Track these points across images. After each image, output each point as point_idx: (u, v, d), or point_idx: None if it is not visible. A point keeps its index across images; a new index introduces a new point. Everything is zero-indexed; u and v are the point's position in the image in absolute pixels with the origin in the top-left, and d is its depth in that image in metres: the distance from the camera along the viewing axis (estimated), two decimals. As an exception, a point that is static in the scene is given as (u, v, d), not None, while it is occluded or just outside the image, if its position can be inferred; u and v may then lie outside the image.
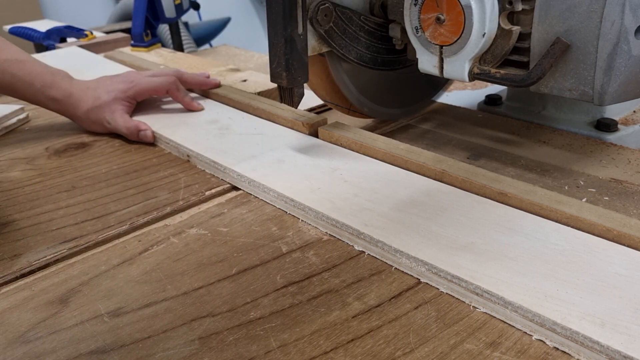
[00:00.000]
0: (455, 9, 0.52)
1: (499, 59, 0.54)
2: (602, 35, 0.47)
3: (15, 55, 0.73)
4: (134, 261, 0.48)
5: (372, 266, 0.45)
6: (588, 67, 0.49)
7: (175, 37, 1.44)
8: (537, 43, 0.51)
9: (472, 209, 0.49)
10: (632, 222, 0.44)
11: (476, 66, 0.55)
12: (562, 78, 0.51)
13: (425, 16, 0.56)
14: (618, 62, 0.47)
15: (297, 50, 0.55)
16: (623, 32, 0.46)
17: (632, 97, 0.51)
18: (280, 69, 0.55)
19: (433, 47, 0.56)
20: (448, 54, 0.56)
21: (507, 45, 0.53)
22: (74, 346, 0.39)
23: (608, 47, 0.47)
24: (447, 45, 0.55)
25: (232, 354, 0.37)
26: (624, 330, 0.35)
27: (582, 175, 0.57)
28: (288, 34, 0.54)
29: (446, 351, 0.36)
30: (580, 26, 0.48)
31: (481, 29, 0.52)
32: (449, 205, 0.50)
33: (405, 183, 0.54)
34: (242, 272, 0.45)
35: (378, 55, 0.65)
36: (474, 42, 0.53)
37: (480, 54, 0.54)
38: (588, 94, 0.49)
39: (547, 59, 0.50)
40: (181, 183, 0.60)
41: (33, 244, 0.51)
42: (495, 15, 0.52)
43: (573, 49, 0.49)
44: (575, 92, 0.50)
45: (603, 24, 0.47)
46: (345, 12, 0.60)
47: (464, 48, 0.54)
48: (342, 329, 0.39)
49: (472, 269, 0.41)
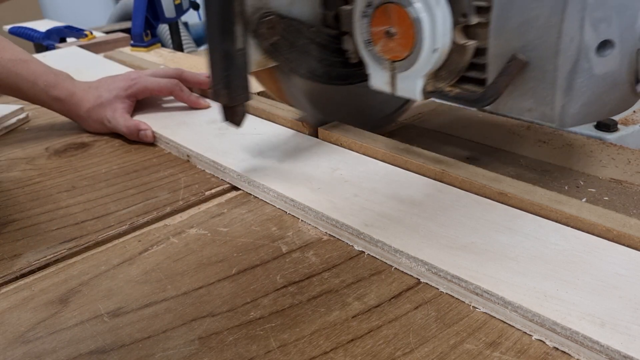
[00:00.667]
0: (405, 22, 0.48)
1: (455, 76, 0.50)
2: (561, 52, 0.43)
3: (18, 55, 0.73)
4: (134, 261, 0.48)
5: (372, 266, 0.45)
6: (547, 86, 0.45)
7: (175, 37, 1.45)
8: (494, 59, 0.47)
9: (472, 209, 0.49)
10: (632, 222, 0.44)
11: (430, 83, 0.51)
12: (520, 98, 0.47)
13: (376, 29, 0.51)
14: (579, 81, 0.43)
15: (237, 66, 0.50)
16: (583, 48, 0.42)
17: (597, 118, 0.47)
18: (219, 87, 0.51)
19: (384, 63, 0.52)
20: (400, 70, 0.51)
21: (463, 61, 0.49)
22: (73, 346, 0.39)
23: (567, 65, 0.43)
24: (398, 61, 0.51)
25: (232, 354, 0.37)
26: (624, 330, 0.35)
27: (582, 175, 0.57)
28: (226, 49, 0.49)
29: (446, 351, 0.36)
30: (538, 42, 0.44)
31: (433, 44, 0.48)
32: (449, 205, 0.50)
33: (406, 183, 0.54)
34: (242, 272, 0.45)
35: (332, 69, 0.60)
36: (425, 57, 0.49)
37: (434, 71, 0.50)
38: (548, 115, 0.45)
39: (503, 77, 0.46)
40: (181, 183, 0.60)
41: (33, 244, 0.51)
42: (447, 29, 0.48)
43: (531, 67, 0.45)
44: (535, 113, 0.46)
45: (561, 39, 0.43)
46: (293, 24, 0.55)
47: (415, 64, 0.50)
48: (342, 329, 0.39)
49: (472, 269, 0.41)
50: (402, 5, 0.48)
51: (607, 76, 0.44)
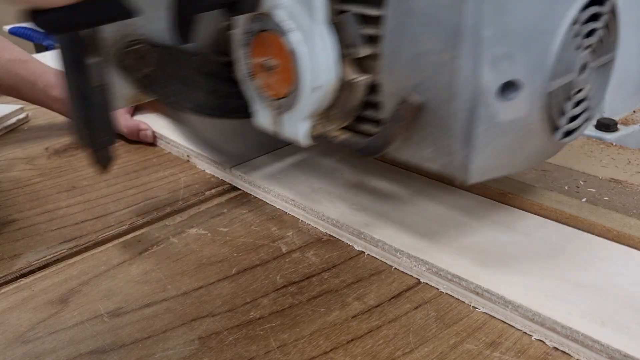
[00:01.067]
0: (283, 53, 0.41)
1: (349, 116, 0.43)
2: (456, 96, 0.35)
3: (18, 56, 0.73)
4: (134, 261, 0.48)
5: (372, 266, 0.45)
6: (445, 134, 0.37)
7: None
8: (388, 98, 0.39)
9: (473, 208, 0.49)
10: (632, 222, 0.44)
11: (320, 125, 0.44)
12: (418, 145, 0.39)
13: (256, 60, 0.44)
14: (479, 130, 0.35)
15: (96, 105, 0.42)
16: (481, 91, 0.34)
17: (510, 170, 0.41)
18: (79, 128, 0.43)
19: (267, 100, 0.45)
20: (282, 110, 0.44)
21: (354, 100, 0.42)
22: (73, 346, 0.39)
23: (464, 112, 0.35)
24: (280, 99, 0.44)
25: (232, 354, 0.37)
26: (624, 330, 0.35)
27: (582, 175, 0.57)
28: (80, 85, 0.41)
29: (446, 351, 0.36)
30: (432, 82, 0.36)
31: (313, 81, 0.41)
32: (449, 205, 0.50)
33: (407, 182, 0.54)
34: (241, 272, 0.45)
35: (228, 100, 0.51)
36: (307, 96, 0.41)
37: (321, 111, 0.43)
38: (450, 167, 0.38)
39: (393, 123, 0.38)
40: (181, 183, 0.60)
41: (33, 244, 0.51)
42: (331, 62, 0.40)
43: (427, 110, 0.37)
44: (437, 163, 0.39)
45: (456, 80, 0.35)
46: (171, 53, 0.47)
47: (297, 103, 0.42)
48: (342, 329, 0.39)
49: (472, 268, 0.41)
50: (278, 34, 0.41)
51: (516, 124, 0.37)
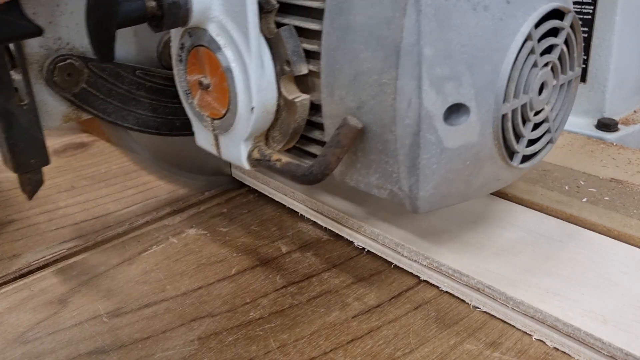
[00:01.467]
0: (217, 71, 0.39)
1: (291, 137, 0.40)
2: (398, 120, 0.32)
3: None
4: (133, 261, 0.48)
5: (372, 266, 0.45)
6: (391, 160, 0.34)
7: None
8: (330, 120, 0.37)
9: (474, 204, 0.49)
10: (633, 222, 0.44)
11: (259, 147, 0.41)
12: (365, 171, 0.36)
13: (191, 78, 0.42)
14: (425, 157, 0.33)
15: (21, 125, 0.41)
16: (425, 115, 0.32)
17: (464, 199, 0.38)
18: (3, 151, 0.42)
19: (205, 120, 0.42)
20: (221, 131, 0.41)
21: (296, 121, 0.39)
22: (73, 346, 0.39)
23: (408, 136, 0.33)
24: (217, 119, 0.41)
25: (232, 355, 0.37)
26: (626, 328, 0.35)
27: (582, 175, 0.57)
28: (3, 104, 0.39)
29: (446, 351, 0.36)
30: (374, 103, 0.33)
31: (248, 101, 0.38)
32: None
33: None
34: (241, 273, 0.45)
35: (175, 117, 0.49)
36: (243, 117, 0.39)
37: (260, 132, 0.40)
38: (398, 195, 0.36)
39: (332, 148, 0.35)
40: (180, 183, 0.60)
41: (32, 244, 0.51)
42: (267, 81, 0.38)
43: (369, 134, 0.35)
44: (384, 190, 0.37)
45: (398, 103, 0.32)
46: (106, 68, 0.45)
47: (233, 124, 0.40)
48: (342, 329, 0.39)
49: (473, 264, 0.41)
50: (211, 50, 0.39)
51: (465, 150, 0.34)
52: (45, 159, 0.44)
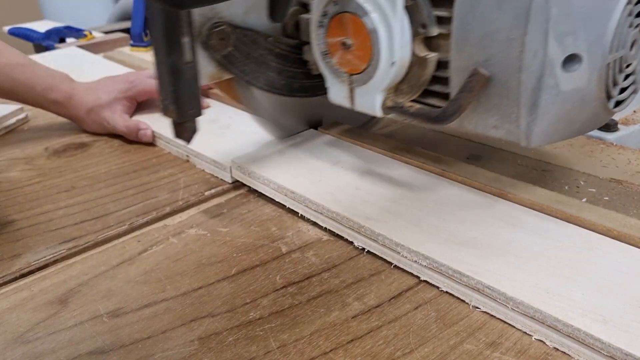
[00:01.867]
0: (362, 33, 0.45)
1: (417, 90, 0.47)
2: (524, 68, 0.40)
3: (15, 59, 0.73)
4: (134, 261, 0.48)
5: (372, 266, 0.45)
6: (512, 103, 0.41)
7: (174, 37, 1.44)
8: (457, 73, 0.43)
9: (474, 204, 0.49)
10: (632, 222, 0.44)
11: (390, 98, 0.47)
12: (485, 114, 0.43)
13: (332, 40, 0.48)
14: (544, 98, 0.40)
15: (186, 80, 0.47)
16: (548, 64, 0.39)
17: (566, 136, 0.44)
18: (167, 102, 0.47)
19: (342, 76, 0.49)
20: (358, 84, 0.48)
21: (425, 75, 0.45)
22: (73, 346, 0.39)
23: (532, 81, 0.40)
24: (356, 74, 0.47)
25: (232, 355, 0.37)
26: (626, 328, 0.35)
27: (582, 175, 0.57)
28: (172, 62, 0.46)
29: (446, 351, 0.36)
30: (501, 56, 0.41)
31: (390, 57, 0.44)
32: (450, 200, 0.50)
33: (407, 177, 0.54)
34: (241, 273, 0.45)
35: (294, 80, 0.56)
36: (383, 71, 0.45)
37: (394, 84, 0.47)
38: (514, 133, 0.42)
39: (465, 93, 0.42)
40: (180, 183, 0.60)
41: (32, 245, 0.51)
42: (406, 40, 0.44)
43: (494, 82, 0.42)
44: (501, 130, 0.43)
45: (525, 54, 0.39)
46: (248, 34, 0.52)
47: (373, 77, 0.46)
48: (342, 329, 0.39)
49: (473, 264, 0.41)
50: (357, 15, 0.45)
51: (575, 93, 0.41)
52: (200, 111, 0.49)
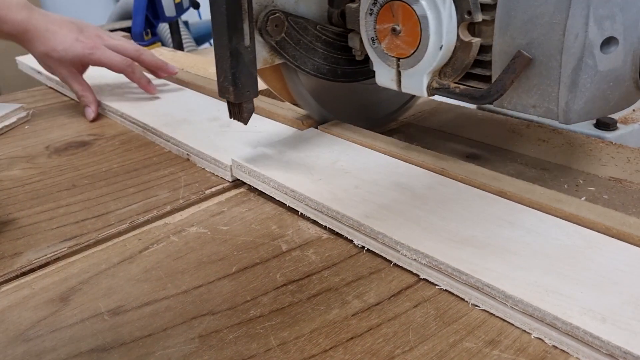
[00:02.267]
0: (411, 19, 0.49)
1: (460, 72, 0.51)
2: (565, 49, 0.44)
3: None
4: (134, 259, 0.48)
5: (372, 264, 0.45)
6: (552, 82, 0.45)
7: (175, 36, 1.44)
8: (499, 56, 0.48)
9: (474, 203, 0.49)
10: (631, 220, 0.44)
11: (435, 80, 0.52)
12: (525, 94, 0.47)
13: (381, 26, 0.52)
14: (583, 77, 0.44)
15: (245, 63, 0.51)
16: (587, 45, 0.43)
17: (600, 114, 0.48)
18: (227, 84, 0.51)
19: (390, 60, 0.53)
20: (405, 67, 0.52)
21: (468, 58, 0.50)
22: (74, 344, 0.39)
23: (572, 62, 0.43)
24: (403, 58, 0.52)
25: (232, 352, 0.37)
26: (625, 326, 0.35)
27: (581, 174, 0.57)
28: (233, 46, 0.50)
29: (445, 349, 0.36)
30: (543, 39, 0.45)
31: (438, 41, 0.49)
32: (450, 199, 0.50)
33: (407, 175, 0.54)
34: (242, 271, 0.45)
35: (337, 66, 0.61)
36: (431, 54, 0.50)
37: (439, 67, 0.51)
38: (552, 111, 0.46)
39: (508, 74, 0.46)
40: (181, 182, 0.60)
41: (33, 243, 0.51)
42: (453, 26, 0.49)
43: (536, 64, 0.46)
44: (540, 109, 0.47)
45: (566, 36, 0.43)
46: (299, 22, 0.57)
47: (421, 61, 0.50)
48: (342, 327, 0.39)
49: (473, 262, 0.41)
50: (407, 3, 0.49)
51: (611, 73, 0.44)
52: (257, 92, 0.54)
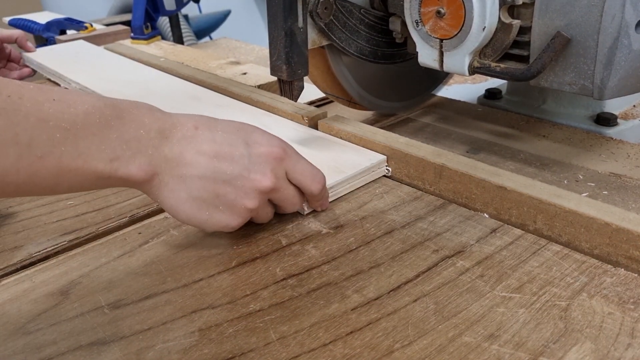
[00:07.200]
0: (456, 2, 0.53)
1: (499, 53, 0.54)
2: (602, 30, 0.47)
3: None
4: (134, 253, 0.48)
5: (371, 259, 0.45)
6: (588, 61, 0.49)
7: (175, 29, 1.44)
8: (538, 37, 0.51)
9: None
10: (631, 216, 0.44)
11: (476, 60, 0.55)
12: (562, 72, 0.51)
13: (426, 9, 0.56)
14: (618, 56, 0.47)
15: (297, 43, 0.55)
16: (624, 26, 0.46)
17: (631, 91, 0.51)
18: (280, 62, 0.55)
19: (433, 41, 0.57)
20: (448, 48, 0.56)
21: (508, 39, 0.53)
22: (74, 338, 0.39)
23: (608, 41, 0.47)
24: (447, 39, 0.56)
25: (232, 346, 0.37)
26: None
27: (581, 169, 0.57)
28: (288, 27, 0.54)
29: (444, 344, 0.36)
30: (581, 20, 0.48)
31: (481, 23, 0.52)
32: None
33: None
34: (241, 265, 0.45)
35: (378, 48, 0.65)
36: (474, 35, 0.53)
37: (480, 48, 0.54)
38: (588, 88, 0.50)
39: (547, 53, 0.50)
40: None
41: (34, 236, 0.51)
42: (495, 8, 0.52)
43: (573, 43, 0.49)
44: (575, 86, 0.50)
45: (604, 18, 0.47)
46: (345, 6, 0.60)
47: (464, 42, 0.54)
48: (341, 321, 0.39)
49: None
50: None
51: None
52: (307, 70, 0.58)
